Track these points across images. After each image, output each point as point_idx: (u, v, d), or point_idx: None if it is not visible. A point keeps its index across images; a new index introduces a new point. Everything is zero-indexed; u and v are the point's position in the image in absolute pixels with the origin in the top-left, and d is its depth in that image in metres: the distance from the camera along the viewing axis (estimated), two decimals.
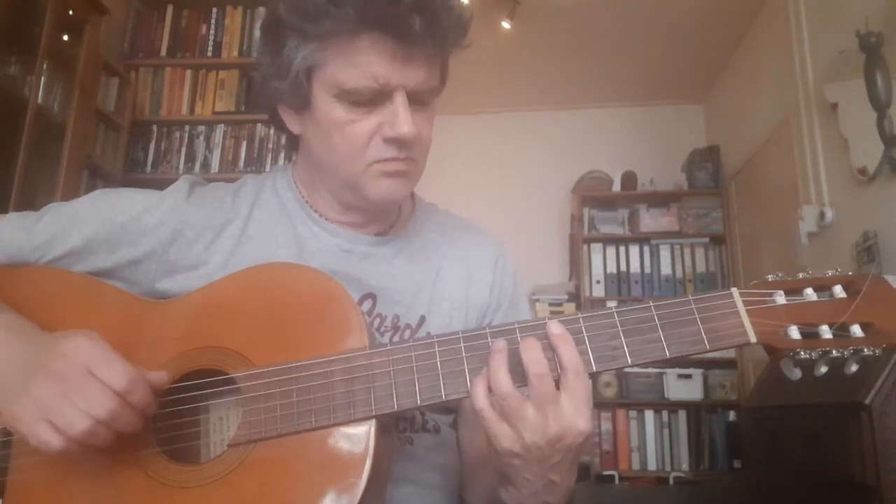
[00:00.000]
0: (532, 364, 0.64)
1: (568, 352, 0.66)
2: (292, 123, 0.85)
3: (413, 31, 0.73)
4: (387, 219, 0.93)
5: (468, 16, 0.80)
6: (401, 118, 0.77)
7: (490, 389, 0.65)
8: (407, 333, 0.87)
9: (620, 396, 3.70)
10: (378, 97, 0.77)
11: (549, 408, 0.64)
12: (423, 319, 0.88)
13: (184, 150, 2.99)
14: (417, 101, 0.79)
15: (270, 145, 2.98)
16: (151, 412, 0.69)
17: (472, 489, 0.87)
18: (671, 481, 3.52)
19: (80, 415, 0.63)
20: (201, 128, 3.01)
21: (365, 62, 0.75)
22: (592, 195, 4.05)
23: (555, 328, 0.67)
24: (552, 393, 0.64)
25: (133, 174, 2.92)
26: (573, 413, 0.64)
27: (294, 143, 0.93)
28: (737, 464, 3.47)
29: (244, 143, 2.99)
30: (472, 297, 0.93)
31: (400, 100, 0.77)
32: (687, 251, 3.92)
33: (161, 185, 0.89)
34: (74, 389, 0.64)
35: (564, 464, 0.67)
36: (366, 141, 0.79)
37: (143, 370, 0.68)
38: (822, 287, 0.68)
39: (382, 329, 0.86)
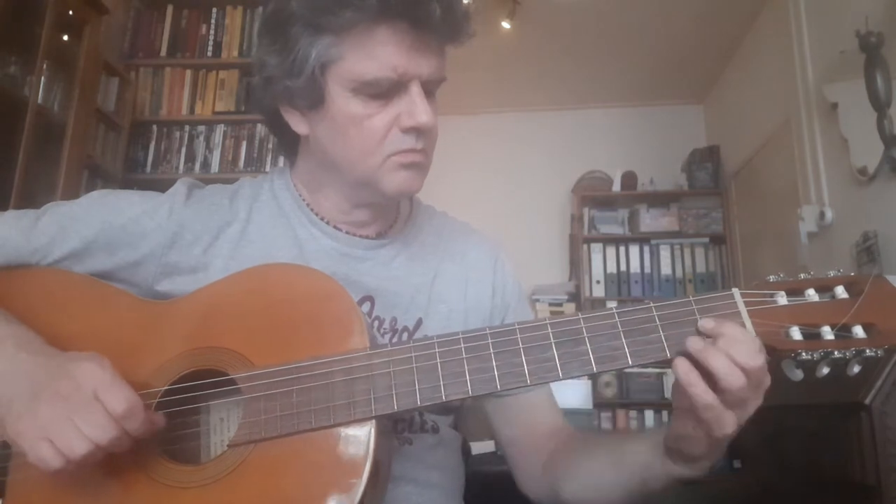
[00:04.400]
0: (751, 359, 0.62)
1: (732, 327, 0.65)
2: (298, 124, 0.84)
3: (432, 19, 0.73)
4: (388, 217, 0.93)
5: (470, 6, 0.81)
6: (419, 107, 0.77)
7: (718, 386, 0.63)
8: (405, 336, 0.87)
9: (620, 396, 3.70)
10: (394, 88, 0.77)
11: (765, 379, 0.64)
12: (420, 322, 0.89)
13: (184, 150, 2.99)
14: (427, 91, 0.80)
15: (270, 145, 2.97)
16: (147, 438, 0.69)
17: (575, 482, 0.84)
18: None
19: (81, 439, 0.64)
20: (201, 128, 3.01)
21: (383, 53, 0.75)
22: (592, 195, 4.05)
23: (707, 323, 0.66)
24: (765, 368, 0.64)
25: (133, 174, 2.92)
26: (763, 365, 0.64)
27: (291, 147, 0.92)
28: (737, 464, 3.46)
29: (244, 143, 2.99)
30: (470, 299, 0.93)
31: (416, 90, 0.77)
32: (687, 251, 3.92)
33: (161, 185, 0.89)
34: (79, 413, 0.64)
35: None
36: (383, 134, 0.79)
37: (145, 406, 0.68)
38: (824, 288, 0.68)
39: (381, 331, 0.86)
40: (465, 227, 1.01)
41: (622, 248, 3.95)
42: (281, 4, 0.78)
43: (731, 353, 0.63)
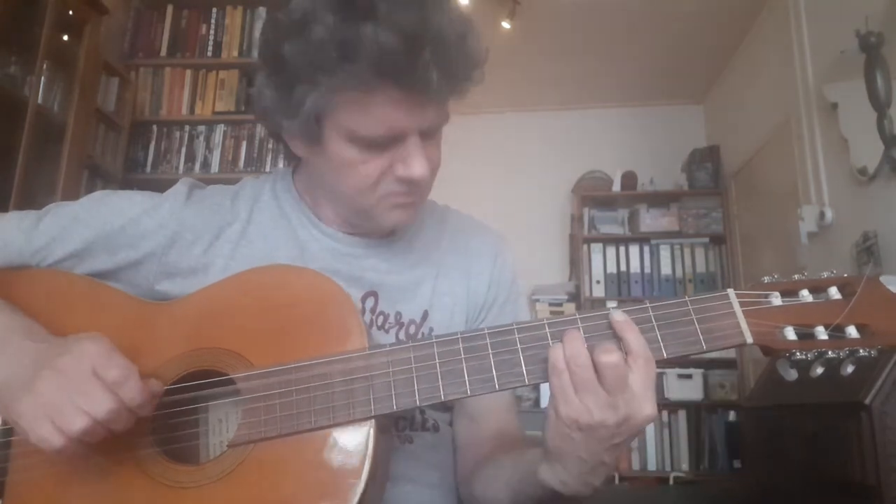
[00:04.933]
0: (604, 354, 0.64)
1: (635, 337, 0.66)
2: (297, 148, 0.83)
3: (431, 85, 0.71)
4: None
5: (483, 54, 0.78)
6: (415, 161, 0.76)
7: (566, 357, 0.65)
8: (412, 329, 0.87)
9: None
10: (391, 140, 0.76)
11: (620, 390, 0.64)
12: (426, 315, 0.89)
13: (184, 150, 2.99)
14: (429, 135, 0.79)
15: (270, 145, 2.98)
16: (146, 413, 0.69)
17: (483, 479, 0.85)
18: (671, 481, 3.52)
19: (79, 414, 0.64)
20: (201, 128, 3.01)
21: (379, 111, 0.73)
22: (592, 195, 4.05)
23: (618, 316, 0.67)
24: (624, 378, 0.64)
25: (133, 174, 2.92)
26: (642, 396, 0.64)
27: (295, 156, 0.92)
28: (737, 464, 3.47)
29: (244, 143, 2.99)
30: (471, 291, 0.93)
31: (413, 141, 0.76)
32: (687, 251, 3.92)
33: (161, 185, 0.89)
34: (77, 388, 0.65)
35: (620, 446, 0.66)
36: (377, 179, 0.78)
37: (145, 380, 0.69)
38: (818, 288, 0.69)
39: (387, 326, 0.86)
40: (469, 221, 1.01)
41: (622, 248, 3.95)
42: (274, 44, 0.74)
43: (593, 345, 0.65)
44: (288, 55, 0.72)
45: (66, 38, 2.42)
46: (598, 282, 3.90)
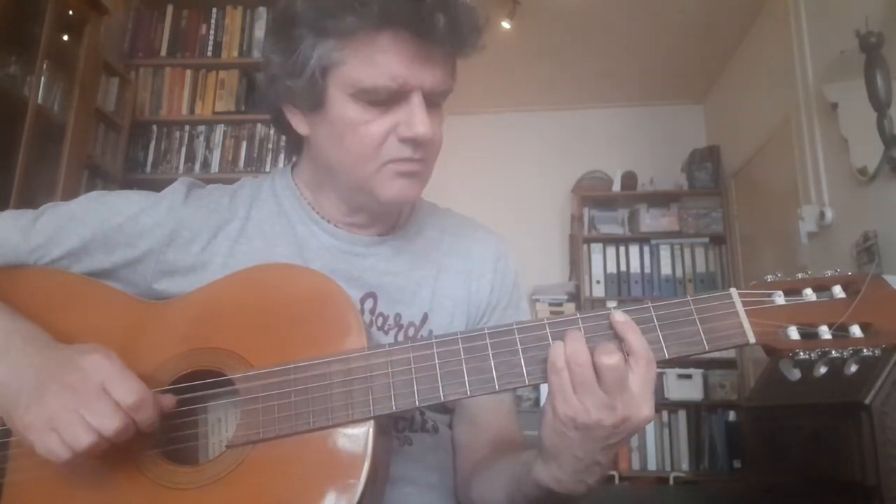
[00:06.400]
0: (605, 356, 0.64)
1: (637, 338, 0.66)
2: (299, 124, 0.84)
3: (436, 30, 0.73)
4: (389, 220, 0.92)
5: (482, 19, 0.81)
6: (417, 118, 0.77)
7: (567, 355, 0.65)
8: (411, 331, 0.87)
9: None
10: (394, 97, 0.77)
11: (619, 392, 0.64)
12: (425, 317, 0.89)
13: (184, 150, 2.98)
14: (431, 102, 0.79)
15: (270, 145, 2.97)
16: (152, 431, 0.69)
17: (480, 483, 0.85)
18: (671, 481, 3.52)
19: (87, 430, 0.64)
20: (201, 128, 3.01)
21: (384, 61, 0.74)
22: (592, 195, 4.05)
23: (619, 316, 0.67)
24: (623, 379, 0.64)
25: (133, 174, 2.92)
26: (641, 398, 0.64)
27: (296, 146, 0.92)
28: (737, 464, 3.47)
29: (244, 143, 2.99)
30: (473, 293, 0.93)
31: (416, 100, 0.77)
32: (687, 251, 3.92)
33: (161, 185, 0.89)
34: (86, 405, 0.65)
35: (616, 446, 0.66)
36: (380, 141, 0.78)
37: (154, 393, 0.69)
38: (822, 287, 0.68)
39: (386, 328, 0.86)
40: (470, 223, 1.01)
41: (622, 248, 3.95)
42: (287, 5, 0.78)
43: (594, 346, 0.65)
44: (300, 7, 0.76)
45: (66, 38, 2.42)
46: (598, 282, 3.90)
